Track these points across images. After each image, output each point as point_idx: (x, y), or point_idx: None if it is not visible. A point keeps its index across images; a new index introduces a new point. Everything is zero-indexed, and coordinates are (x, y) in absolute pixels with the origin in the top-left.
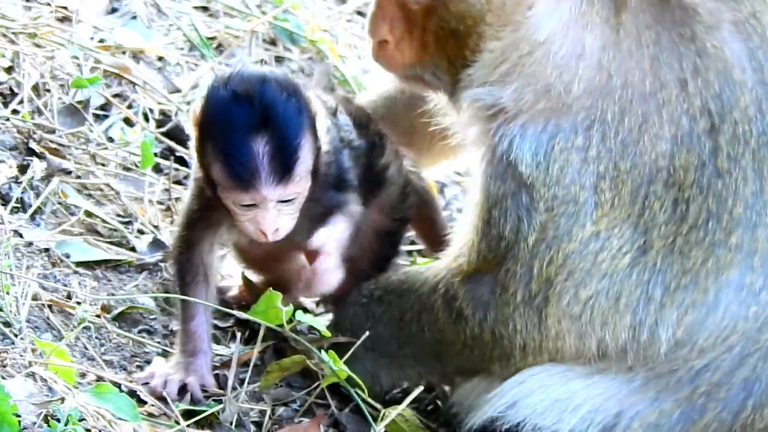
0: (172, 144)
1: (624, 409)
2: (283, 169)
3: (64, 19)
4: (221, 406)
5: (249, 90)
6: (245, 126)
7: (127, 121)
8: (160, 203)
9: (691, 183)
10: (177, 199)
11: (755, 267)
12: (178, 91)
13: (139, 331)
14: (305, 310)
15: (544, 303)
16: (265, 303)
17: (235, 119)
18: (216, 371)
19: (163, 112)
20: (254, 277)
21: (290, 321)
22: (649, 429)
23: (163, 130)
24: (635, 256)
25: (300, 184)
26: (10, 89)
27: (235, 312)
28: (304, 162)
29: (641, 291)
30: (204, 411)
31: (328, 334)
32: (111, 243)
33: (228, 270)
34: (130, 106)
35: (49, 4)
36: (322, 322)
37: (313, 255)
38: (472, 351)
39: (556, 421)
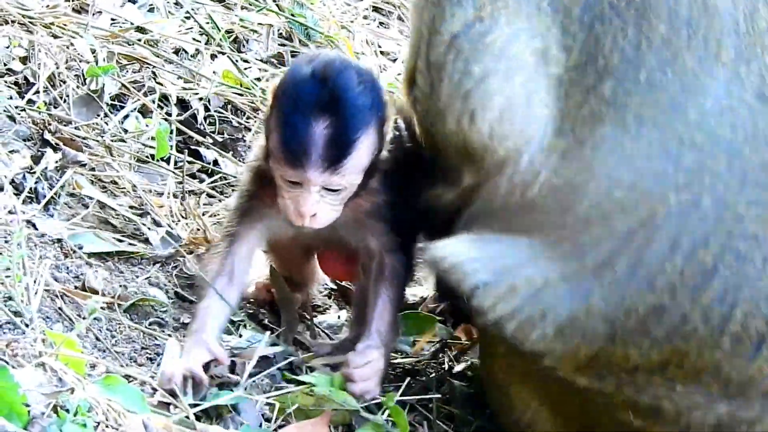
0: (190, 132)
1: (515, 268)
2: (335, 157)
3: (81, 10)
4: (232, 394)
5: (327, 72)
6: (311, 104)
7: (143, 114)
8: (175, 196)
9: (576, 17)
10: (191, 192)
11: (628, 127)
12: (196, 81)
13: (150, 324)
14: (316, 307)
15: (439, 85)
16: None
17: (303, 95)
18: (232, 358)
19: (179, 101)
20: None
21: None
22: (536, 296)
23: (180, 118)
24: (537, 57)
25: (347, 178)
26: (26, 79)
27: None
28: (359, 157)
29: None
30: (213, 402)
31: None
32: (124, 235)
33: None
34: (145, 95)
35: None
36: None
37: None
38: (447, 151)
39: (452, 254)
